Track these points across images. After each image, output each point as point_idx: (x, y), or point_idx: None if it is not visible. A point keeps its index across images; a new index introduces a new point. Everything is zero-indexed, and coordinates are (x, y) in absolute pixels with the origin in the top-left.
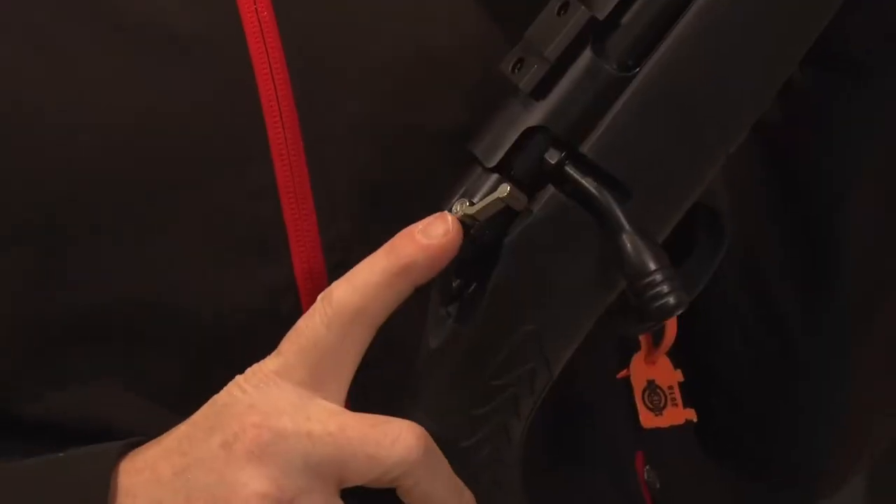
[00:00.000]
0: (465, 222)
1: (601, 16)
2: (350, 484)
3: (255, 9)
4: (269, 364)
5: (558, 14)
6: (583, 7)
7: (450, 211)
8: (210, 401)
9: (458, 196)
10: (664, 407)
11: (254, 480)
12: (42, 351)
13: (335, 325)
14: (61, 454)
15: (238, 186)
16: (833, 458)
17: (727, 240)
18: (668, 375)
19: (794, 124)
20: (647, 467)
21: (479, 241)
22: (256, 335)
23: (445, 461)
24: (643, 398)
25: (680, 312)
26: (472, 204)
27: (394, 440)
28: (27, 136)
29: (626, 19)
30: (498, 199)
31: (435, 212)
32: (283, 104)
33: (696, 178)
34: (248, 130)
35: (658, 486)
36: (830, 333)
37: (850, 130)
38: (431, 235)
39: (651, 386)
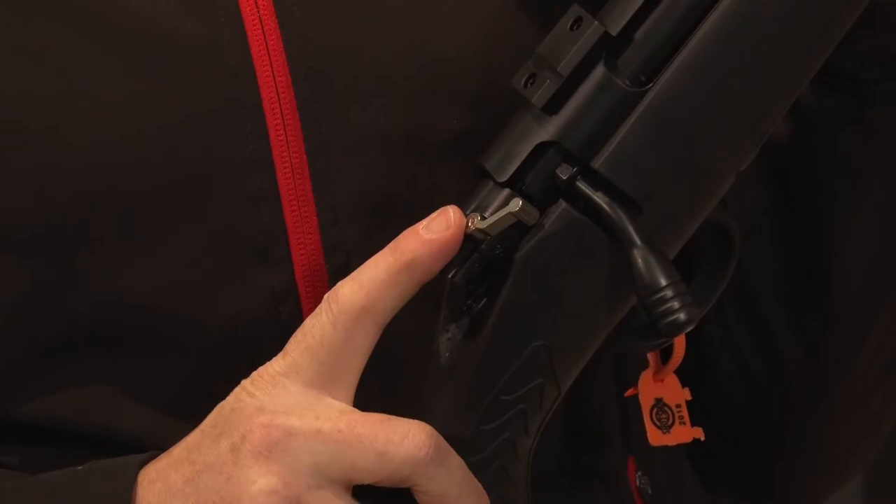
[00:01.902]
0: (477, 237)
1: (614, 31)
2: (360, 482)
3: (259, 15)
4: (275, 365)
5: (571, 29)
6: (596, 22)
7: None
8: (217, 407)
9: (469, 210)
10: (672, 425)
11: (262, 478)
12: (44, 355)
13: (341, 324)
14: (80, 468)
15: (240, 192)
16: (818, 475)
17: (737, 256)
18: (675, 393)
19: (796, 141)
20: (639, 473)
21: (490, 255)
22: (257, 339)
23: (461, 461)
24: (651, 416)
25: (691, 328)
26: (483, 218)
27: (403, 437)
28: (31, 147)
29: (639, 35)
30: (510, 213)
31: None
32: (286, 109)
33: (707, 195)
34: (251, 136)
35: (650, 491)
36: (822, 354)
37: (853, 150)
38: (434, 230)
39: (659, 404)
